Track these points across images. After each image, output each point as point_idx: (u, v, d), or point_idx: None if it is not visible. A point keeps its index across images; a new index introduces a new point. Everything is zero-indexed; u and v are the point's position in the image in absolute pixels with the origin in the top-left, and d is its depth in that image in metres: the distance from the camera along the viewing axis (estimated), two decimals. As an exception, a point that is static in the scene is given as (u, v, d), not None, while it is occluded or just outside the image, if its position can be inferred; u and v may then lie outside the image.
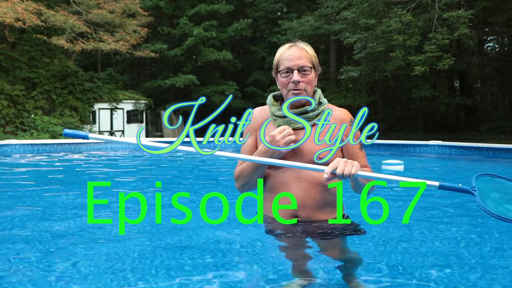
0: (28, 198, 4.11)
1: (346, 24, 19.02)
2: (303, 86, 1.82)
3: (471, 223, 3.21)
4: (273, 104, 1.96)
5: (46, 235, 2.70)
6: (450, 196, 3.98)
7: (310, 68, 1.83)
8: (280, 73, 1.85)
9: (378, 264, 2.15)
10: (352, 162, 1.64)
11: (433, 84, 21.92)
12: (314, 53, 1.88)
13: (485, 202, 1.63)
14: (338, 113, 1.89)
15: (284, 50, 1.86)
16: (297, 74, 1.81)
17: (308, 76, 1.83)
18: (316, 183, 1.82)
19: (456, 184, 1.68)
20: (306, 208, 1.84)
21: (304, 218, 1.85)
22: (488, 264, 2.22)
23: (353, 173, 1.61)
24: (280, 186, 1.87)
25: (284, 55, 1.84)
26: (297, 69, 1.81)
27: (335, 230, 1.87)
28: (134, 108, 22.41)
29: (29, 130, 16.39)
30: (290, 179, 1.85)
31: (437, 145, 9.68)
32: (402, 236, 2.76)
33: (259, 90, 25.40)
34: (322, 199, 1.85)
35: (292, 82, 1.82)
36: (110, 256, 2.25)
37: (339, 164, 1.62)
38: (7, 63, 17.85)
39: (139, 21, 20.34)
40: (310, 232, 1.85)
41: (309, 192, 1.83)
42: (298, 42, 1.87)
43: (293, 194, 1.84)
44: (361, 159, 1.85)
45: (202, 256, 2.26)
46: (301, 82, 1.81)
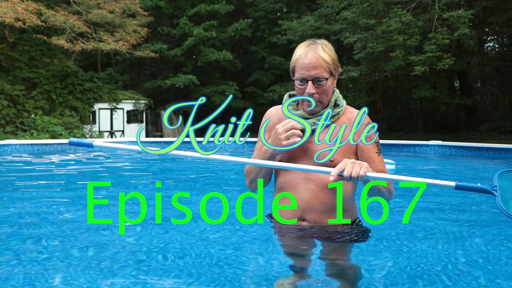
0: (28, 198, 4.11)
1: (346, 24, 19.04)
2: (317, 97, 1.75)
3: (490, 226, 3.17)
4: (289, 103, 1.88)
5: (45, 235, 2.70)
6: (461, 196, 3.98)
7: (326, 78, 1.74)
8: (295, 79, 1.78)
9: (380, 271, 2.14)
10: (361, 163, 1.56)
11: (433, 84, 21.93)
12: (333, 54, 1.78)
13: (509, 203, 1.49)
14: (355, 115, 1.82)
15: (300, 55, 1.76)
16: (312, 85, 1.73)
17: (323, 86, 1.74)
18: (325, 186, 1.76)
19: (475, 183, 1.55)
20: (313, 211, 1.78)
21: (311, 222, 1.80)
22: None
23: (361, 174, 1.53)
24: (288, 187, 1.82)
25: (300, 62, 1.75)
26: (311, 80, 1.73)
27: (347, 235, 1.82)
28: (134, 108, 22.42)
29: (29, 130, 16.39)
30: (299, 180, 1.80)
31: (437, 145, 9.68)
32: (408, 238, 2.76)
33: (259, 90, 25.40)
34: (331, 203, 1.78)
35: (306, 93, 1.75)
36: (109, 256, 2.25)
37: (346, 165, 1.55)
38: (7, 63, 17.86)
39: (139, 21, 20.35)
40: (321, 236, 1.80)
41: (317, 195, 1.77)
42: (316, 46, 1.76)
43: (300, 195, 1.79)
44: (377, 164, 1.77)
45: (200, 255, 2.26)
46: (316, 93, 1.74)
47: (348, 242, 1.85)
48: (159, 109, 24.87)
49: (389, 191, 1.79)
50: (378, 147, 1.81)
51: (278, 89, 23.41)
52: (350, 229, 1.86)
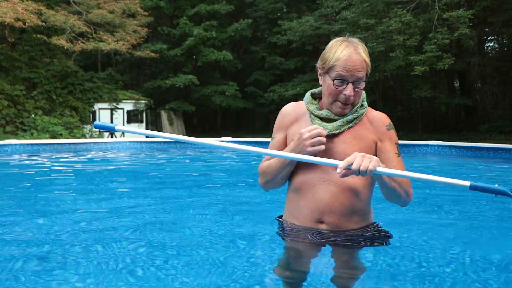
0: (28, 198, 4.11)
1: (346, 24, 19.04)
2: (352, 100, 1.68)
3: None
4: (312, 102, 1.81)
5: (45, 235, 2.70)
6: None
7: (364, 81, 1.69)
8: (332, 78, 1.67)
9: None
10: (371, 157, 1.47)
11: (433, 84, 21.94)
12: (368, 55, 1.71)
13: None
14: (375, 115, 1.77)
15: (345, 55, 1.66)
16: (351, 88, 1.66)
17: (361, 88, 1.69)
18: (346, 188, 1.69)
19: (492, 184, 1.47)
20: (333, 214, 1.71)
21: (330, 224, 1.72)
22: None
23: (370, 168, 1.44)
24: (306, 188, 1.74)
25: (343, 63, 1.65)
26: (352, 82, 1.66)
27: (363, 239, 1.75)
28: (134, 108, 22.43)
29: (29, 130, 16.39)
30: (318, 180, 1.71)
31: (437, 145, 9.67)
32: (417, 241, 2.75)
33: (259, 90, 25.39)
34: (350, 206, 1.71)
35: (343, 94, 1.67)
36: (107, 256, 2.26)
37: (355, 158, 1.46)
38: (7, 63, 17.86)
39: (139, 21, 20.36)
40: (334, 242, 1.73)
41: (338, 197, 1.70)
42: (358, 47, 1.68)
43: (319, 196, 1.71)
44: (395, 165, 1.70)
45: (200, 255, 2.26)
46: (353, 96, 1.67)
47: (364, 246, 1.78)
48: (159, 109, 24.87)
49: (406, 193, 1.69)
50: (398, 148, 1.75)
51: (278, 89, 23.40)
52: (368, 232, 1.79)
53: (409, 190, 1.71)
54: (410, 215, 3.35)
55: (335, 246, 1.74)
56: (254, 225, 2.89)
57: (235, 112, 28.05)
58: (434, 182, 1.48)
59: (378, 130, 1.74)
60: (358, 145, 1.70)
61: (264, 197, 3.84)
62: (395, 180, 1.63)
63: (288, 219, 1.84)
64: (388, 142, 1.74)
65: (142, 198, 4.13)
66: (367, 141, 1.72)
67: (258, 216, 3.18)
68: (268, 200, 3.77)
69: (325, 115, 1.74)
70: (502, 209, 3.67)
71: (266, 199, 3.79)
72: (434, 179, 1.47)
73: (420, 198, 3.98)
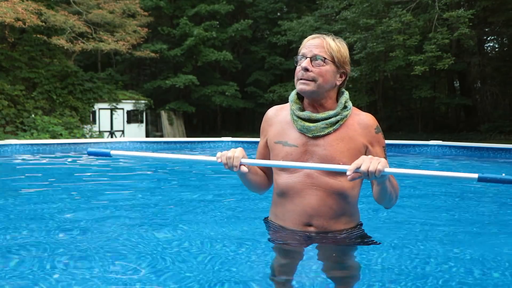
0: (27, 198, 4.11)
1: (346, 24, 19.03)
2: (311, 76, 1.67)
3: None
4: (295, 101, 1.79)
5: (44, 235, 2.70)
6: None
7: (325, 59, 1.67)
8: (296, 62, 1.72)
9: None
10: (378, 158, 1.47)
11: (433, 84, 21.94)
12: (343, 48, 1.71)
13: None
14: (363, 118, 1.74)
15: (308, 38, 1.74)
16: (308, 61, 1.67)
17: (321, 67, 1.67)
18: (333, 191, 1.69)
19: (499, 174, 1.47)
20: (321, 218, 1.71)
21: (319, 227, 1.73)
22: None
23: (379, 169, 1.44)
24: (293, 192, 1.73)
25: (305, 42, 1.73)
26: (310, 57, 1.67)
27: (353, 238, 1.77)
28: (134, 108, 22.43)
29: (29, 130, 16.39)
30: (305, 185, 1.71)
31: (437, 145, 9.67)
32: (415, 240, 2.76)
33: (259, 90, 25.39)
34: (339, 209, 1.72)
35: (300, 67, 1.69)
36: (108, 256, 2.26)
37: (364, 161, 1.46)
38: (7, 63, 17.86)
39: (139, 21, 20.35)
40: (322, 242, 1.74)
41: (325, 201, 1.70)
42: (328, 37, 1.71)
43: (307, 201, 1.71)
44: None
45: (199, 254, 2.26)
46: (311, 71, 1.67)
47: (354, 244, 1.80)
48: (159, 109, 24.87)
49: (396, 196, 1.71)
50: (385, 152, 1.75)
51: (278, 89, 23.41)
52: (356, 231, 1.81)
53: (398, 193, 1.72)
54: (410, 215, 3.35)
55: (324, 245, 1.75)
56: (246, 225, 2.89)
57: (235, 112, 28.06)
58: (442, 178, 1.48)
59: (368, 134, 1.72)
60: (346, 147, 1.68)
61: (256, 197, 3.83)
62: (392, 184, 1.64)
63: (275, 221, 1.84)
64: (378, 147, 1.73)
65: (142, 198, 4.14)
66: (356, 143, 1.70)
67: (248, 216, 3.19)
68: (259, 199, 3.77)
69: (306, 116, 1.72)
70: (502, 210, 3.67)
71: (259, 199, 3.79)
72: (442, 175, 1.47)
73: (418, 197, 3.98)
